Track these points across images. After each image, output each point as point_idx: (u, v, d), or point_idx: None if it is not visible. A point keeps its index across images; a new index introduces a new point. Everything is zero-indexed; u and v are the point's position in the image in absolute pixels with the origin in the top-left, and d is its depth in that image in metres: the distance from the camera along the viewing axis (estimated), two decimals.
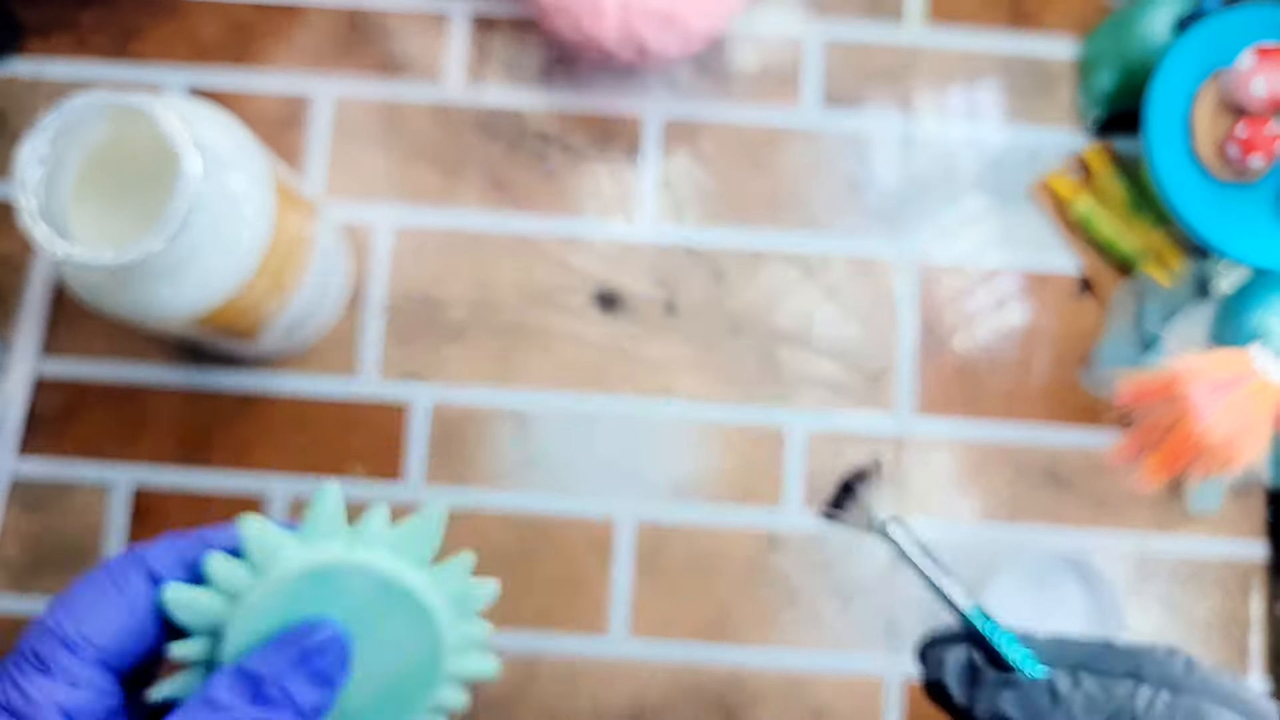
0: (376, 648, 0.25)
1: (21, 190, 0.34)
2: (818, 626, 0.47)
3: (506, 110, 0.50)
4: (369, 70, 0.50)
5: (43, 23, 0.50)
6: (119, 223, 0.37)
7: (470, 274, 0.48)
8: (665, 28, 0.43)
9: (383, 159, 0.49)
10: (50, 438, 0.47)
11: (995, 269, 0.49)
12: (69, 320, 0.48)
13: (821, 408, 0.48)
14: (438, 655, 0.26)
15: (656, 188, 0.49)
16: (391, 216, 0.49)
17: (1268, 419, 0.39)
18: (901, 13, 0.51)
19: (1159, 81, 0.44)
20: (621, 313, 0.48)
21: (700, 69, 0.50)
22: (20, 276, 0.47)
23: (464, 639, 0.26)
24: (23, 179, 0.34)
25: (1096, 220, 0.48)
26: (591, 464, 0.47)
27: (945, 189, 0.50)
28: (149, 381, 0.47)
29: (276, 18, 0.50)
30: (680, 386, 0.48)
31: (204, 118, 0.37)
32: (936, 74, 0.51)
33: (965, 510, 0.48)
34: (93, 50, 0.50)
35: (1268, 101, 0.42)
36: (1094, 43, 0.50)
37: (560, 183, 0.49)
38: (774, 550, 0.47)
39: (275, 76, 0.50)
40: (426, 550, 0.25)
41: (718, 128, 0.50)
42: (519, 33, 0.50)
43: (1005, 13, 0.51)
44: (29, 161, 0.34)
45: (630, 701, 0.46)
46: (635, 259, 0.49)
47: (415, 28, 0.50)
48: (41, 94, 0.49)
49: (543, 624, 0.46)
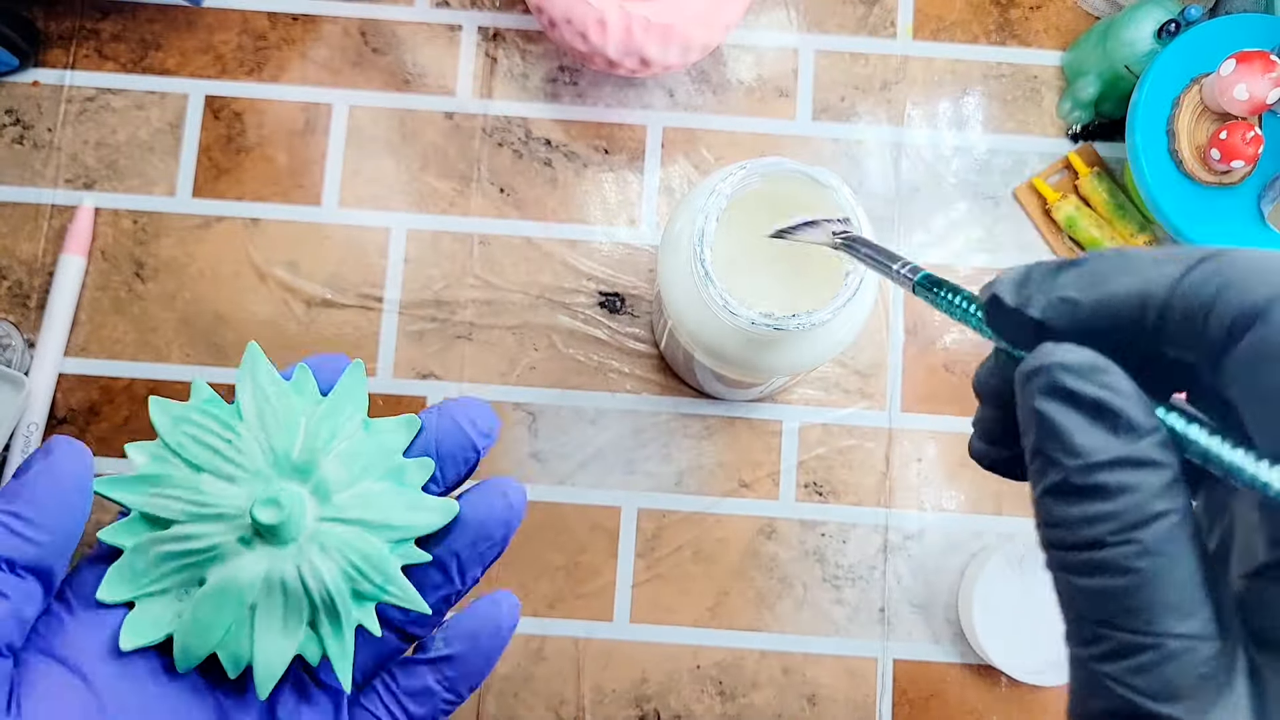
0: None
1: (701, 243, 0.33)
2: (812, 612, 0.48)
3: (514, 118, 0.51)
4: (381, 80, 0.51)
5: (63, 33, 0.51)
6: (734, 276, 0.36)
7: (480, 277, 0.50)
8: (666, 40, 0.45)
9: (394, 166, 0.51)
10: (74, 436, 0.48)
11: (982, 270, 0.50)
12: (92, 321, 0.49)
13: (815, 403, 0.49)
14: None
15: (658, 193, 0.51)
16: (404, 222, 0.50)
17: None
18: (891, 25, 0.52)
19: (1143, 88, 0.45)
20: (625, 313, 0.50)
21: (699, 79, 0.52)
22: (44, 278, 0.49)
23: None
24: (703, 231, 0.33)
25: (1081, 223, 0.49)
26: (596, 457, 0.49)
27: (934, 194, 0.51)
28: (171, 381, 0.49)
29: (292, 29, 0.52)
30: (681, 382, 0.50)
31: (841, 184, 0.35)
32: (925, 84, 0.52)
33: (953, 502, 0.49)
34: (113, 60, 0.51)
35: (1249, 106, 0.42)
36: (1078, 52, 0.51)
37: (566, 189, 0.51)
38: (770, 539, 0.48)
39: (290, 87, 0.51)
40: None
41: (716, 135, 0.51)
42: (526, 44, 0.52)
43: (992, 24, 0.53)
44: (710, 215, 0.33)
45: (632, 684, 0.47)
46: (638, 262, 0.50)
47: (426, 38, 0.52)
48: (62, 103, 0.51)
49: (549, 609, 0.47)
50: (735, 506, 0.48)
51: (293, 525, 0.24)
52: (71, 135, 0.50)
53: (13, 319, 0.48)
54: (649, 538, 0.48)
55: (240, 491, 0.24)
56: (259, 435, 0.25)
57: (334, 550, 0.24)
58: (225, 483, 0.25)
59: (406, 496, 0.26)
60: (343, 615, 0.24)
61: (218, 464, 0.25)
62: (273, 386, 0.26)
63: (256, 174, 0.50)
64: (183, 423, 0.25)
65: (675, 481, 0.48)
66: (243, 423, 0.25)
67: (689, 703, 0.47)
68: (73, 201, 0.50)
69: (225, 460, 0.25)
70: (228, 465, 0.25)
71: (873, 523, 0.48)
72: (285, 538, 0.24)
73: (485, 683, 0.47)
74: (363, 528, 0.25)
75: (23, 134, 0.50)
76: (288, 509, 0.23)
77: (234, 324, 0.49)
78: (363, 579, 0.25)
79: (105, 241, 0.49)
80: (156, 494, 0.25)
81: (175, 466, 0.25)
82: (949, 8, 0.52)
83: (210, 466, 0.25)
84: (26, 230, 0.49)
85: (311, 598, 0.24)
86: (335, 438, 0.25)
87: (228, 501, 0.24)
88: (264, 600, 0.24)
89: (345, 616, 0.25)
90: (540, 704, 0.47)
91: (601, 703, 0.47)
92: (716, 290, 0.33)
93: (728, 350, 0.37)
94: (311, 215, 0.50)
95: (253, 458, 0.25)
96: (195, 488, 0.24)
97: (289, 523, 0.24)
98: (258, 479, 0.25)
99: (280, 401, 0.25)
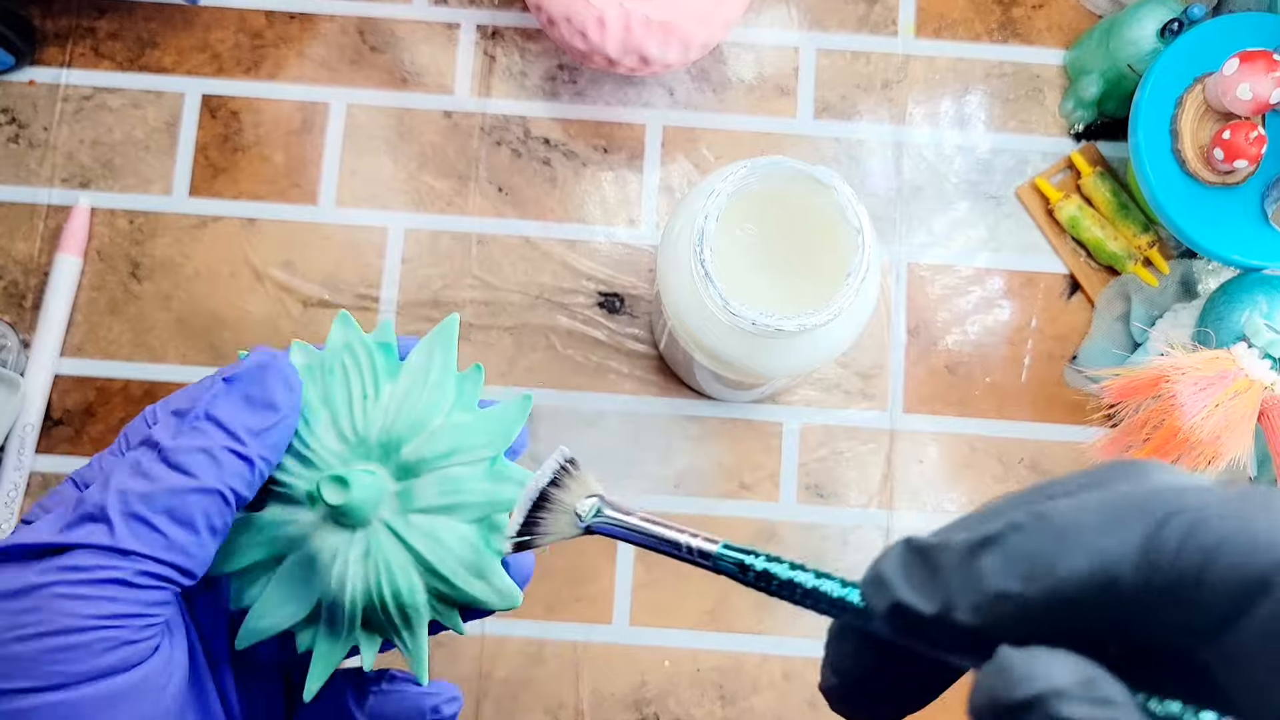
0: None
1: (701, 244, 0.32)
2: (813, 615, 0.47)
3: (513, 117, 0.51)
4: (379, 79, 0.51)
5: (60, 31, 0.50)
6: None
7: (478, 277, 0.50)
8: (666, 38, 0.44)
9: (392, 165, 0.50)
10: (69, 438, 0.48)
11: (985, 270, 0.50)
12: (88, 321, 0.49)
13: (815, 404, 0.49)
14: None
15: (657, 192, 0.51)
16: (402, 221, 0.50)
17: (1251, 416, 0.40)
18: (893, 23, 0.52)
19: (1146, 87, 0.45)
20: (624, 314, 0.50)
21: (699, 77, 0.51)
22: (40, 278, 0.49)
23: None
24: (703, 232, 0.32)
25: (1084, 223, 0.49)
26: (595, 459, 0.48)
27: (936, 193, 0.51)
28: (168, 381, 0.48)
29: (289, 27, 0.51)
30: (680, 383, 0.49)
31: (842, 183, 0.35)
32: (927, 82, 0.52)
33: (955, 504, 0.48)
34: (109, 59, 0.51)
35: (1252, 106, 0.42)
36: (1080, 51, 0.51)
37: (565, 188, 0.51)
38: (770, 541, 0.48)
39: (287, 85, 0.51)
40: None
41: (716, 134, 0.51)
42: (525, 42, 0.52)
43: (994, 22, 0.52)
44: (710, 215, 0.32)
45: (631, 688, 0.47)
46: (638, 262, 0.50)
47: (424, 37, 0.51)
48: (58, 101, 0.50)
49: (548, 612, 0.47)
50: (735, 508, 0.48)
51: (364, 506, 0.23)
52: (67, 134, 0.50)
53: (8, 319, 0.48)
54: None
55: (333, 453, 0.24)
56: (386, 407, 0.24)
57: (394, 555, 0.24)
58: (334, 435, 0.24)
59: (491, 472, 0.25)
60: (348, 625, 0.24)
61: (339, 411, 0.24)
62: (438, 373, 0.25)
63: (253, 173, 0.50)
64: (350, 351, 0.25)
65: (675, 483, 0.48)
66: (391, 384, 0.24)
67: (689, 707, 0.47)
68: (68, 201, 0.49)
69: (349, 413, 0.24)
70: (347, 418, 0.24)
71: (874, 524, 0.48)
72: (355, 522, 0.23)
73: (483, 687, 0.47)
74: (445, 514, 0.24)
75: (18, 133, 0.50)
76: (355, 488, 0.23)
77: (230, 324, 0.49)
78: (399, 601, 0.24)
79: (101, 241, 0.49)
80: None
81: (312, 386, 0.24)
82: (951, 6, 0.52)
83: (335, 405, 0.24)
84: (22, 230, 0.49)
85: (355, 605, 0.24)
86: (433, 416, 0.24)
87: (327, 455, 0.24)
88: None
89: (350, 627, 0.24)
90: (539, 708, 0.46)
91: (601, 707, 0.47)
92: (716, 290, 0.32)
93: (728, 351, 0.36)
94: (309, 215, 0.50)
95: (365, 427, 0.24)
96: (311, 427, 0.24)
97: (359, 504, 0.23)
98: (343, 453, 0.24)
99: (426, 393, 0.24)
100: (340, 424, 0.24)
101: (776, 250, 0.37)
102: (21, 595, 0.20)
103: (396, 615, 0.24)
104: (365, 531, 0.23)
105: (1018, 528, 0.14)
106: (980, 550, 0.14)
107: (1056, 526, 0.14)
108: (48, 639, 0.20)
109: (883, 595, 0.15)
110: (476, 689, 0.46)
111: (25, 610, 0.20)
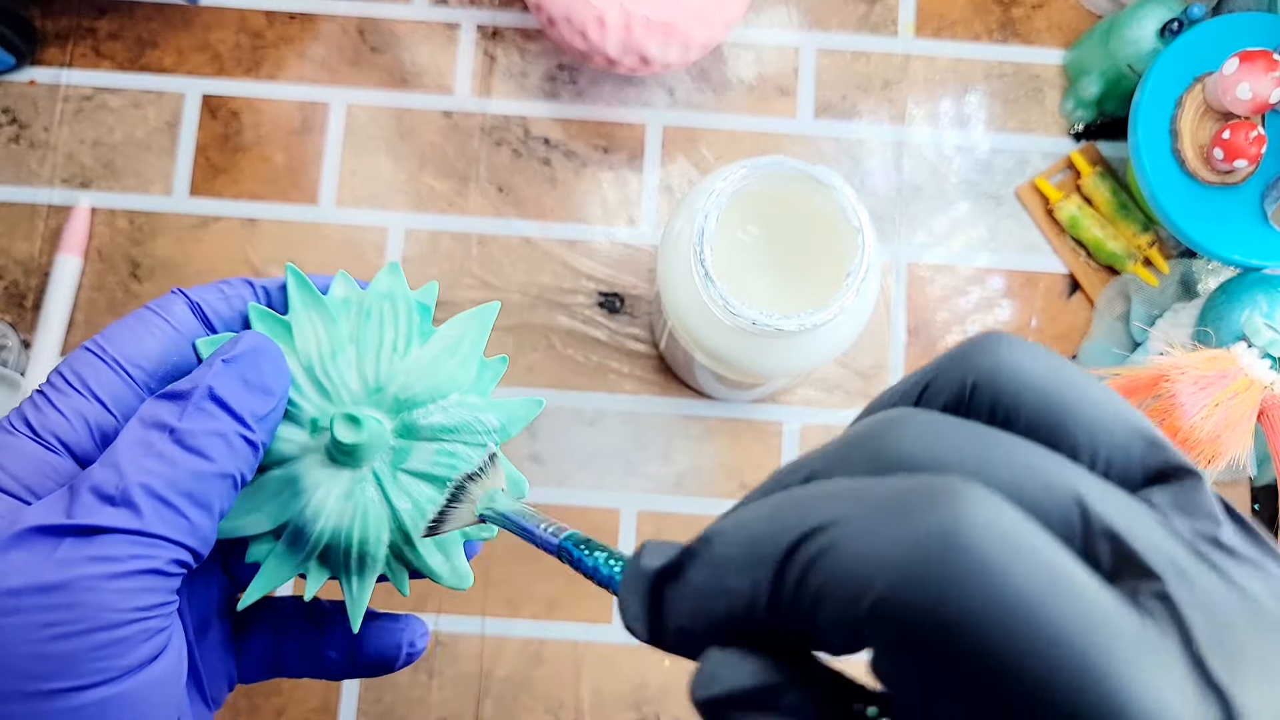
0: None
1: (702, 243, 0.32)
2: None
3: (513, 117, 0.51)
4: (379, 79, 0.51)
5: (60, 31, 0.51)
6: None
7: (478, 277, 0.50)
8: (666, 38, 0.44)
9: (392, 165, 0.50)
10: None
11: (985, 269, 0.50)
12: (88, 321, 0.49)
13: (815, 404, 0.49)
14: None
15: (657, 192, 0.51)
16: (402, 221, 0.50)
17: (1251, 416, 0.40)
18: (893, 23, 0.52)
19: (1146, 87, 0.45)
20: (625, 313, 0.50)
21: (699, 77, 0.51)
22: (40, 278, 0.49)
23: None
24: (703, 231, 0.32)
25: (1084, 222, 0.49)
26: (595, 459, 0.48)
27: (936, 193, 0.51)
28: None
29: (289, 27, 0.51)
30: (680, 383, 0.49)
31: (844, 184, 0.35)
32: (927, 82, 0.52)
33: None
34: (109, 59, 0.51)
35: (1252, 106, 0.42)
36: (1080, 50, 0.51)
37: (565, 188, 0.51)
38: None
39: (288, 85, 0.51)
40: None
41: (716, 134, 0.51)
42: (525, 42, 0.52)
43: (994, 22, 0.52)
44: (710, 215, 0.32)
45: (631, 688, 0.47)
46: (638, 262, 0.50)
47: (424, 37, 0.52)
48: (59, 102, 0.50)
49: (548, 612, 0.47)
50: None
51: (366, 451, 0.24)
52: (68, 134, 0.50)
53: (9, 319, 0.48)
54: (648, 538, 0.47)
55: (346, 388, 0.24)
56: (410, 367, 0.25)
57: (398, 493, 0.24)
58: (355, 375, 0.24)
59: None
60: (365, 563, 0.24)
61: (366, 354, 0.24)
62: (467, 351, 0.25)
63: (253, 173, 0.50)
64: (390, 301, 0.25)
65: (675, 483, 0.48)
66: (420, 346, 0.25)
67: (689, 706, 0.46)
68: (69, 201, 0.49)
69: (375, 359, 0.24)
70: (371, 364, 0.24)
71: None
72: (350, 462, 0.24)
73: (483, 686, 0.47)
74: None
75: (19, 133, 0.50)
76: (366, 426, 0.23)
77: None
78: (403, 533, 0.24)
79: (101, 241, 0.49)
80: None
81: (345, 320, 0.25)
82: (951, 6, 0.52)
83: (363, 347, 0.24)
84: (22, 230, 0.49)
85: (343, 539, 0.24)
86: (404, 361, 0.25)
87: (343, 390, 0.24)
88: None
89: (370, 565, 0.25)
90: (539, 707, 0.46)
91: (601, 706, 0.47)
92: (717, 290, 0.32)
93: (728, 351, 0.36)
94: (309, 215, 0.50)
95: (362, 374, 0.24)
96: (335, 359, 0.24)
97: (363, 447, 0.23)
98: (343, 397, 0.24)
99: (451, 366, 0.25)
100: (364, 367, 0.24)
101: (777, 250, 0.37)
102: (57, 590, 0.19)
103: (355, 560, 0.24)
104: (353, 473, 0.24)
105: (692, 555, 0.14)
106: (665, 583, 0.14)
107: (716, 556, 0.14)
108: (89, 636, 0.19)
109: (622, 615, 0.15)
110: (477, 688, 0.46)
111: (63, 606, 0.19)
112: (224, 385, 0.22)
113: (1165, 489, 0.14)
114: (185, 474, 0.20)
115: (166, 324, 0.23)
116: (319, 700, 0.46)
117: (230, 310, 0.25)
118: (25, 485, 0.21)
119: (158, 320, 0.24)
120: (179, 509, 0.20)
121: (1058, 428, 0.14)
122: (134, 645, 0.20)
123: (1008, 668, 0.11)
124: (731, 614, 0.13)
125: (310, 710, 0.46)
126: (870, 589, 0.12)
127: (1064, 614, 0.11)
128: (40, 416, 0.22)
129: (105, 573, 0.19)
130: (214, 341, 0.24)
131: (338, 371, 0.24)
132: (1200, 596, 0.12)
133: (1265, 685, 0.12)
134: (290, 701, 0.46)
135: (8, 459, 0.21)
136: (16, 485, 0.21)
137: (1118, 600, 0.12)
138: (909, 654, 0.12)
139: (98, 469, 0.20)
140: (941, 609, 0.11)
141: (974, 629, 0.11)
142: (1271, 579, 0.13)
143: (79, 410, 0.22)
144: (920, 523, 0.12)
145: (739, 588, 0.13)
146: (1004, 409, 0.15)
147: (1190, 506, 0.14)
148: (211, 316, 0.24)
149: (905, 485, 0.12)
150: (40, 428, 0.22)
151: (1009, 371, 0.15)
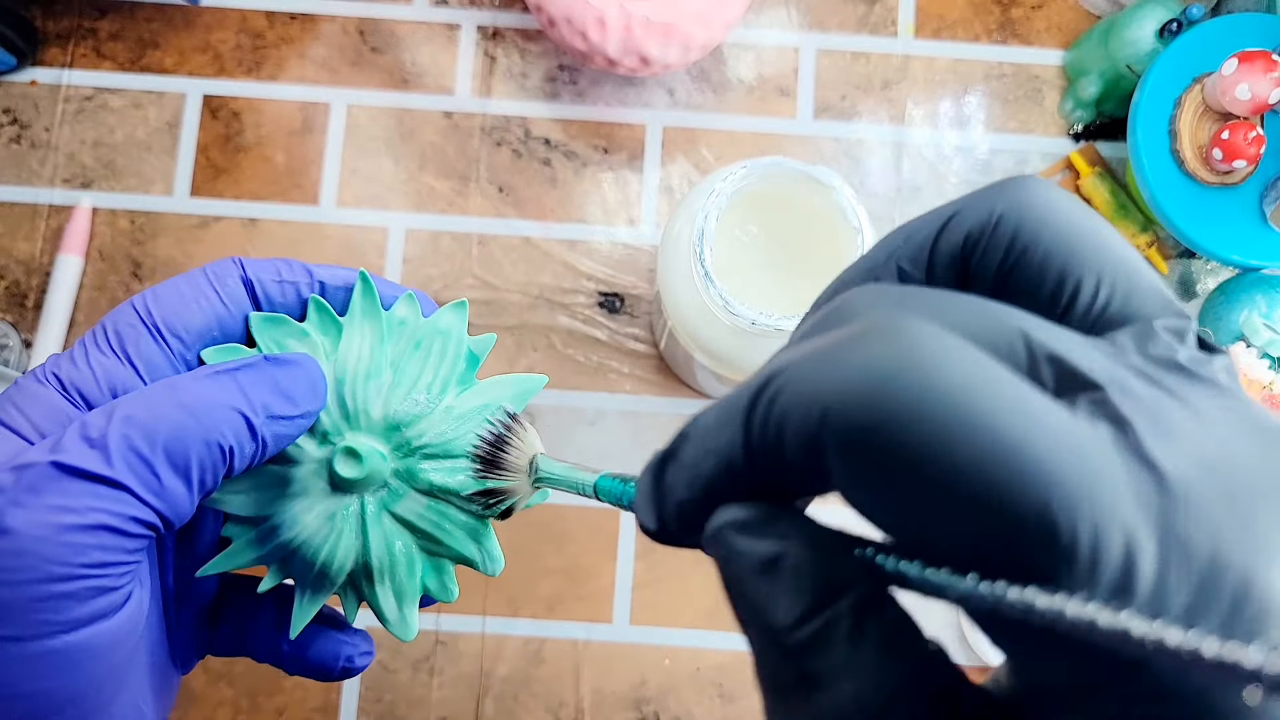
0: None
1: (701, 243, 0.32)
2: None
3: (513, 117, 0.51)
4: (379, 79, 0.51)
5: (61, 32, 0.51)
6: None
7: (478, 277, 0.50)
8: (666, 38, 0.45)
9: (393, 165, 0.51)
10: None
11: None
12: (89, 321, 0.49)
13: None
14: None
15: (657, 192, 0.51)
16: (402, 221, 0.50)
17: None
18: (893, 24, 0.52)
19: (1145, 88, 0.45)
20: (625, 314, 0.50)
21: (699, 78, 0.52)
22: (41, 278, 0.49)
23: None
24: (703, 231, 0.32)
25: None
26: (595, 459, 0.48)
27: (936, 194, 0.51)
28: None
29: (290, 28, 0.52)
30: (680, 383, 0.49)
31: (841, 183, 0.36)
32: (927, 83, 0.52)
33: None
34: (110, 59, 0.51)
35: (1251, 106, 0.42)
36: (1079, 51, 0.51)
37: (565, 188, 0.51)
38: None
39: (288, 86, 0.51)
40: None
41: (716, 134, 0.51)
42: (525, 42, 0.52)
43: (994, 23, 0.52)
44: (710, 215, 0.33)
45: (631, 687, 0.47)
46: (638, 262, 0.50)
47: (425, 37, 0.52)
48: (60, 102, 0.50)
49: (548, 611, 0.47)
50: None
51: (360, 486, 0.24)
52: (69, 134, 0.50)
53: (10, 319, 0.48)
54: (649, 540, 0.47)
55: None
56: (435, 417, 0.24)
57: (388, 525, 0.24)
58: (380, 403, 0.24)
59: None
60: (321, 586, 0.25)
61: (400, 385, 0.24)
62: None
63: (254, 174, 0.50)
64: (444, 340, 0.25)
65: None
66: (456, 396, 0.25)
67: (689, 705, 0.47)
68: (70, 201, 0.49)
69: (406, 395, 0.24)
70: (400, 399, 0.24)
71: None
72: (341, 488, 0.24)
73: (484, 685, 0.47)
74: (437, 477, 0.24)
75: (20, 133, 0.50)
76: (367, 465, 0.23)
77: None
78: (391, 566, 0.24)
79: (103, 241, 0.49)
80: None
81: (393, 343, 0.25)
82: (950, 7, 0.52)
83: (400, 376, 0.24)
84: (24, 230, 0.49)
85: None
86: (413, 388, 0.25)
87: (362, 415, 0.24)
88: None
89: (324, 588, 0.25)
90: (539, 706, 0.46)
91: (601, 705, 0.47)
92: (716, 290, 0.33)
93: (728, 351, 0.36)
94: (309, 215, 0.50)
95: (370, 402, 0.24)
96: (370, 379, 0.24)
97: (358, 482, 0.23)
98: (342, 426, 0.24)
99: (471, 433, 0.25)
100: (392, 399, 0.24)
101: (776, 250, 0.37)
102: (5, 535, 0.19)
103: (314, 576, 0.24)
104: (343, 498, 0.24)
105: (683, 435, 0.15)
106: (665, 467, 0.16)
107: (699, 427, 0.15)
108: (30, 587, 0.18)
109: (635, 513, 0.17)
110: (477, 688, 0.46)
111: (10, 552, 0.18)
112: (252, 375, 0.22)
113: (1134, 327, 0.15)
114: (168, 428, 0.20)
115: (217, 297, 0.23)
116: (319, 700, 0.46)
117: (282, 296, 0.24)
118: (39, 431, 0.21)
119: (209, 292, 0.23)
120: (151, 465, 0.20)
121: (1069, 268, 0.15)
122: (80, 602, 0.19)
123: (942, 453, 0.12)
124: (718, 471, 0.14)
125: (311, 710, 0.46)
126: (820, 402, 0.13)
127: (994, 406, 0.12)
128: (73, 371, 0.22)
129: (60, 523, 0.19)
130: (223, 352, 0.24)
131: (365, 396, 0.24)
132: (1140, 405, 0.13)
133: (1193, 456, 0.12)
134: (291, 701, 0.46)
135: (29, 405, 0.21)
136: (32, 431, 0.21)
137: (1048, 397, 0.12)
138: (860, 455, 0.12)
139: (97, 412, 0.20)
140: (881, 404, 0.12)
141: (910, 421, 0.12)
142: (1224, 395, 0.13)
143: (109, 371, 0.22)
144: (865, 346, 0.13)
145: (719, 445, 0.14)
146: (1023, 242, 0.15)
147: (1155, 337, 0.14)
148: (262, 299, 0.24)
149: (854, 326, 0.13)
150: (69, 382, 0.22)
151: (1037, 208, 0.15)
